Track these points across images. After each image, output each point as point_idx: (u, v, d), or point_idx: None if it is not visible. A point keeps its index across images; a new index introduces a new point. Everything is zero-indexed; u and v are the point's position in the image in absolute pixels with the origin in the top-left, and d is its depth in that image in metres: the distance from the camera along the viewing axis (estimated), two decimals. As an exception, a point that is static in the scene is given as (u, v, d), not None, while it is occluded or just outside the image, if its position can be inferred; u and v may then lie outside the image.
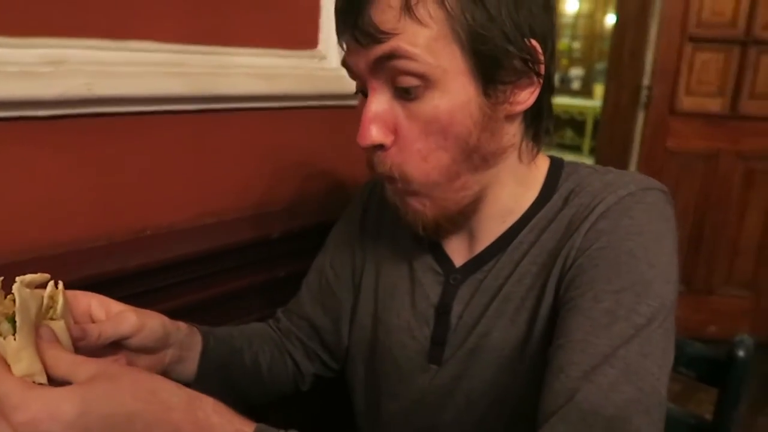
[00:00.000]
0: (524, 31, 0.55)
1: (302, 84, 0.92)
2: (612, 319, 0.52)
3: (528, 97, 0.59)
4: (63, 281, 0.51)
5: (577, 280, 0.56)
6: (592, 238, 0.58)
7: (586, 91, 7.09)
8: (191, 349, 0.66)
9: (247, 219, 0.90)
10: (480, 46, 0.54)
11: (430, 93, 0.55)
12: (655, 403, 0.50)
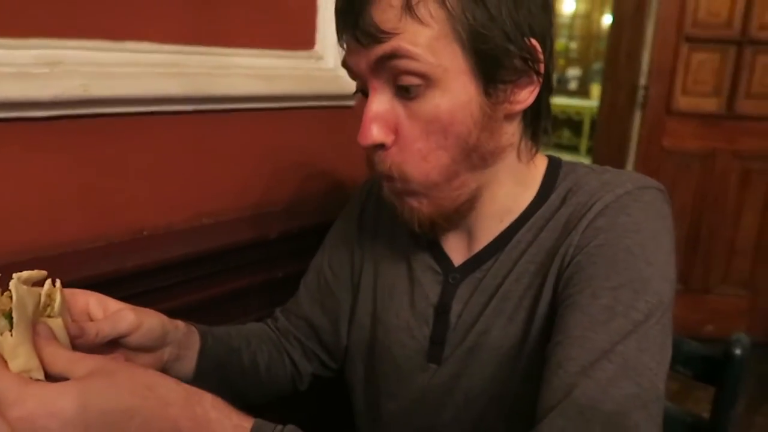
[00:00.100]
0: (524, 31, 0.55)
1: (299, 84, 0.92)
2: (610, 316, 0.53)
3: (527, 97, 0.59)
4: (61, 282, 0.51)
5: (575, 278, 0.57)
6: (590, 236, 0.58)
7: (583, 92, 7.09)
8: (189, 348, 0.66)
9: (246, 219, 0.90)
10: (481, 46, 0.54)
11: (431, 92, 0.55)
12: (653, 398, 0.50)
